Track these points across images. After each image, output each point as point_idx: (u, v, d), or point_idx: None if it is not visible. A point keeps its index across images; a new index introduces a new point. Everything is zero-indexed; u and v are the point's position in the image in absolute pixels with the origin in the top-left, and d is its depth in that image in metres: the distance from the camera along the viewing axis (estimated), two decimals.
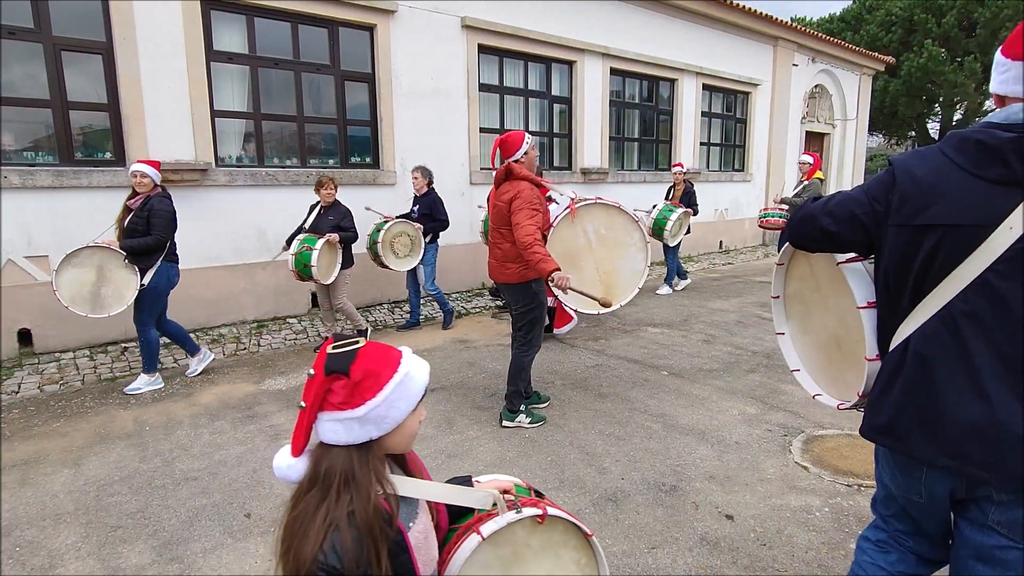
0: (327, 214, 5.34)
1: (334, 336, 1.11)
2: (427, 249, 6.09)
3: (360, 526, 0.98)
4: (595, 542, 1.33)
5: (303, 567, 0.95)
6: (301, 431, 1.04)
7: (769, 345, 5.62)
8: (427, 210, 6.04)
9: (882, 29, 19.50)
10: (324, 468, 1.02)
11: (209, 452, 3.50)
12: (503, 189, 3.62)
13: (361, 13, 6.60)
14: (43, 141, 5.24)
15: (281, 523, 1.04)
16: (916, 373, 1.39)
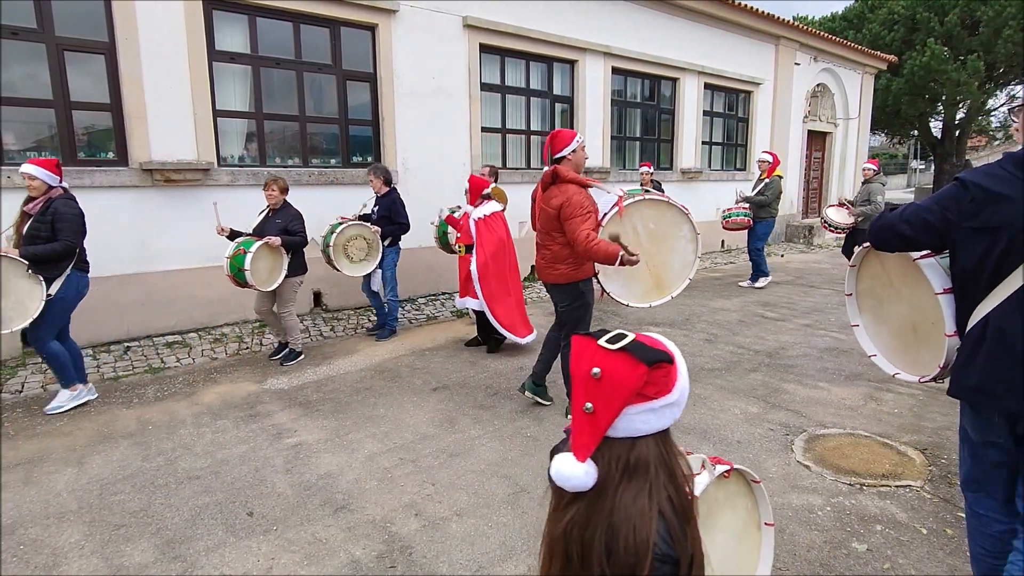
0: (275, 217, 4.98)
1: (592, 334, 1.05)
2: (386, 253, 5.70)
3: (679, 511, 0.99)
4: (760, 488, 1.51)
5: (643, 557, 0.93)
6: (597, 434, 0.99)
7: (771, 344, 5.61)
8: (386, 212, 5.64)
9: (884, 28, 19.45)
10: (633, 460, 0.99)
11: (212, 451, 3.51)
12: (551, 193, 3.65)
13: (363, 13, 6.61)
14: (46, 141, 5.26)
15: (559, 531, 1.00)
16: (997, 343, 1.77)
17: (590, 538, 0.97)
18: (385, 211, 5.68)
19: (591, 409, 0.99)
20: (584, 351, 1.03)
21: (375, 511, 2.88)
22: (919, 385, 4.50)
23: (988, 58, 17.54)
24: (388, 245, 5.73)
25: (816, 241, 13.23)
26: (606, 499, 0.98)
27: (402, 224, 5.73)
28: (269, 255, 4.88)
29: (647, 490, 0.98)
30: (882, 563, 2.47)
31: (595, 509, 0.98)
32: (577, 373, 1.02)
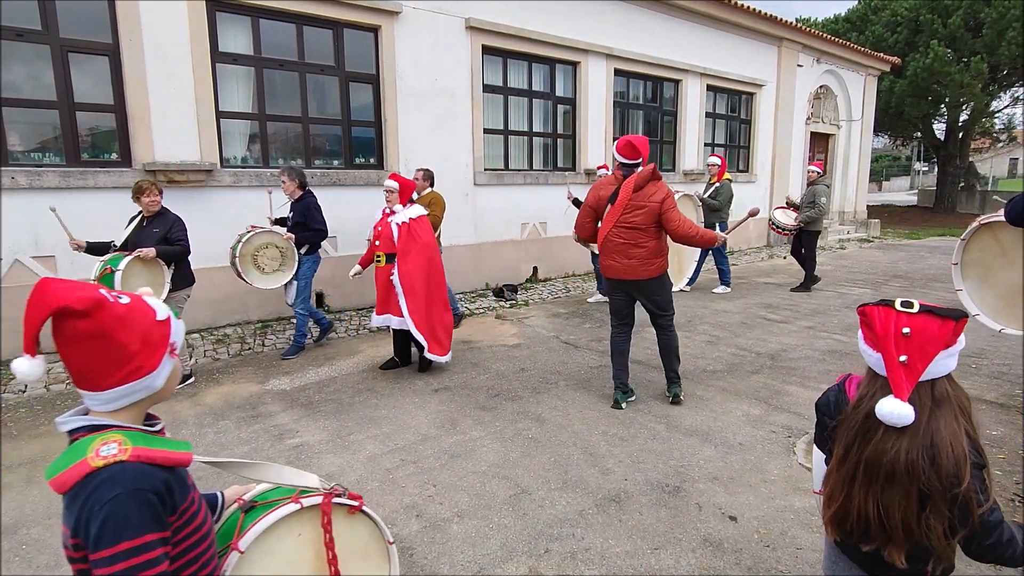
0: (151, 225, 4.42)
1: (886, 303, 1.33)
2: (302, 262, 5.24)
3: (970, 431, 1.28)
4: None
5: (963, 466, 1.21)
6: (913, 378, 1.25)
7: (773, 347, 5.61)
8: (300, 218, 5.18)
9: (887, 29, 19.43)
10: (937, 395, 1.26)
11: (213, 451, 3.52)
12: (649, 191, 3.88)
13: (365, 14, 6.63)
14: (50, 142, 5.28)
15: (883, 456, 1.27)
16: None
17: (914, 458, 1.23)
18: (300, 217, 5.19)
19: (905, 360, 1.25)
20: (888, 317, 1.30)
21: (376, 512, 2.87)
22: None
23: (991, 60, 17.50)
24: (305, 253, 5.26)
25: (818, 243, 13.19)
26: (919, 427, 1.25)
27: (319, 230, 5.23)
28: (144, 269, 4.25)
29: (953, 417, 1.25)
30: None
31: (914, 436, 1.25)
32: (885, 334, 1.28)
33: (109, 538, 0.94)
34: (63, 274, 5.18)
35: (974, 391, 4.41)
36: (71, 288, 0.97)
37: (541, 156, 8.95)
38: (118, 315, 1.01)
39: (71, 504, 0.98)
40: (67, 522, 0.98)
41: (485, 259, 8.11)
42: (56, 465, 0.99)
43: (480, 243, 8.05)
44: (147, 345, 1.04)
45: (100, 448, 0.99)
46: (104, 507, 0.94)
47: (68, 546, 1.00)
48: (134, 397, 1.06)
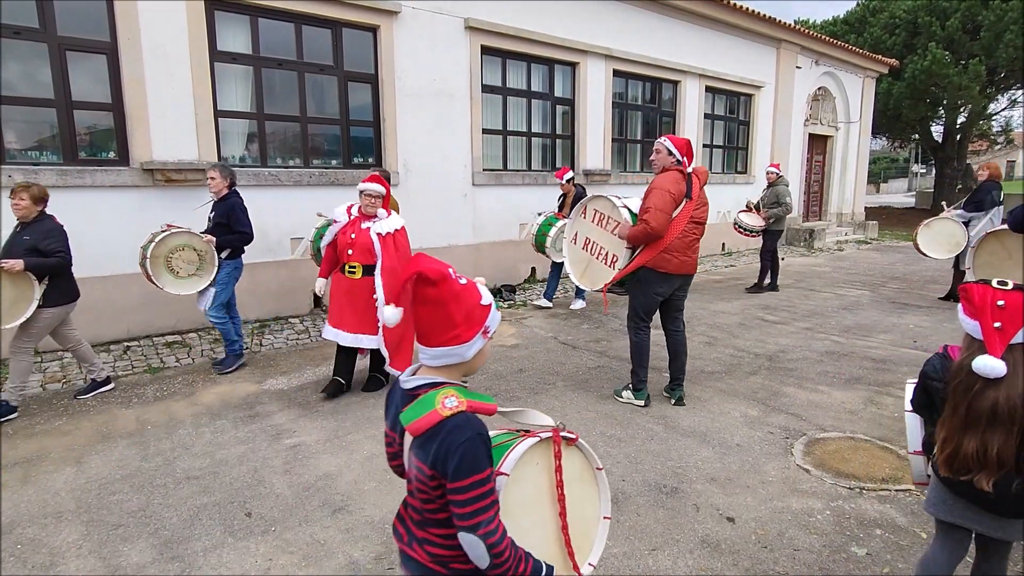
0: (23, 233, 3.95)
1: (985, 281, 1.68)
2: (222, 266, 4.81)
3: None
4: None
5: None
6: (1006, 340, 1.60)
7: (771, 348, 5.61)
8: (223, 219, 4.73)
9: (886, 31, 19.47)
10: None
11: (210, 451, 3.51)
12: (702, 192, 4.10)
13: (364, 14, 6.62)
14: (47, 141, 5.26)
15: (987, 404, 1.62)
16: None
17: (1015, 404, 1.58)
18: (222, 218, 4.74)
19: (999, 326, 1.60)
20: (986, 292, 1.64)
21: (374, 512, 2.87)
22: None
23: (989, 62, 17.54)
24: (227, 258, 4.83)
25: (816, 244, 13.23)
26: (1013, 378, 1.59)
27: (243, 233, 4.80)
28: (10, 283, 3.81)
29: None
30: (881, 567, 2.47)
31: (1009, 386, 1.59)
32: (983, 305, 1.63)
33: (465, 471, 1.20)
34: None
35: None
36: (432, 261, 1.27)
37: (540, 156, 8.95)
38: (455, 291, 1.27)
39: (425, 444, 1.24)
40: (421, 458, 1.26)
41: (483, 259, 8.10)
42: (410, 413, 1.25)
43: (478, 243, 8.05)
44: (468, 320, 1.30)
45: (444, 400, 1.25)
46: (460, 447, 1.20)
47: (420, 477, 1.27)
48: (449, 360, 1.31)
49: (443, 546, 1.31)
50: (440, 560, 1.32)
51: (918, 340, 5.84)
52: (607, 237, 4.22)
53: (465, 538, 1.23)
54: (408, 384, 1.33)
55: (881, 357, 5.30)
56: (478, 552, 1.23)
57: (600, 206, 4.33)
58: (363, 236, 4.19)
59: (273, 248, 6.25)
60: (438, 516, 1.29)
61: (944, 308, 7.25)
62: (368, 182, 4.22)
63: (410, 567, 1.37)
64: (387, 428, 1.44)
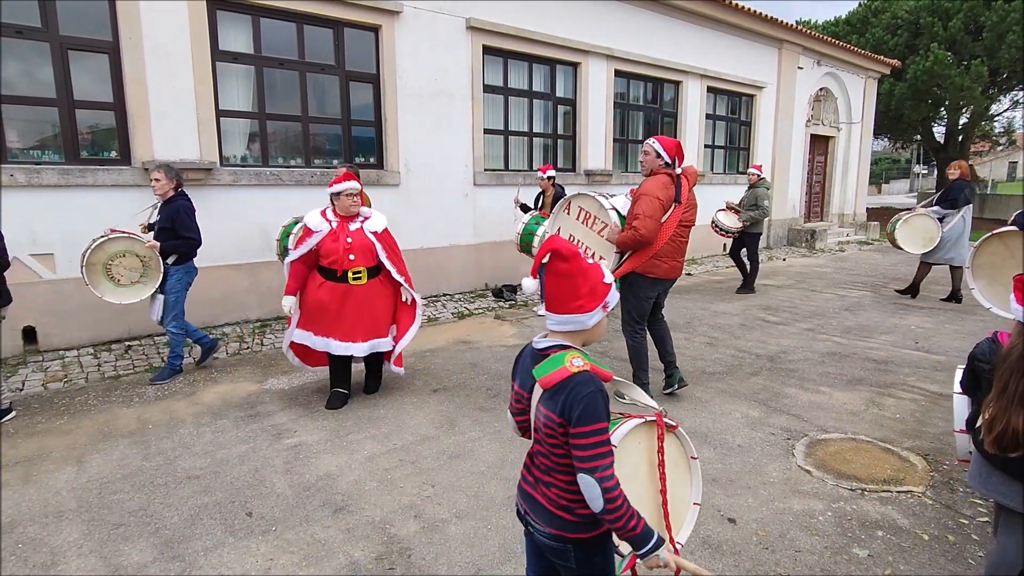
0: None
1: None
2: (169, 274, 4.54)
3: None
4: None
5: None
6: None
7: (772, 348, 5.60)
8: (167, 223, 4.48)
9: (888, 32, 19.44)
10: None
11: (211, 451, 3.51)
12: (691, 194, 4.06)
13: (366, 14, 6.62)
14: (49, 140, 5.27)
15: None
16: None
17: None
18: (167, 222, 4.49)
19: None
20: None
21: (374, 512, 2.87)
22: (922, 391, 4.49)
23: (991, 63, 17.51)
24: (174, 263, 4.57)
25: (818, 245, 13.21)
26: None
27: (189, 238, 4.54)
28: None
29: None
30: (883, 569, 2.46)
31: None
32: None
33: (587, 419, 1.39)
34: (61, 272, 5.18)
35: None
36: (564, 242, 1.51)
37: (541, 157, 8.94)
38: (583, 267, 1.50)
39: (555, 395, 1.44)
40: (550, 408, 1.45)
41: (484, 259, 8.10)
42: (543, 369, 1.46)
43: (479, 243, 8.04)
44: (592, 293, 1.50)
45: (572, 360, 1.45)
46: (584, 399, 1.40)
47: (549, 425, 1.46)
48: (572, 326, 1.52)
49: (567, 491, 1.50)
50: (566, 507, 1.51)
51: (920, 341, 5.83)
52: (594, 237, 4.21)
53: (583, 479, 1.40)
54: (539, 345, 1.56)
55: (883, 358, 5.30)
56: (593, 493, 1.39)
57: (586, 204, 4.30)
58: (359, 238, 3.98)
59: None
60: (563, 462, 1.48)
61: (946, 309, 7.24)
62: (343, 181, 3.93)
63: (537, 511, 1.56)
64: (516, 385, 1.64)
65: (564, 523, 1.50)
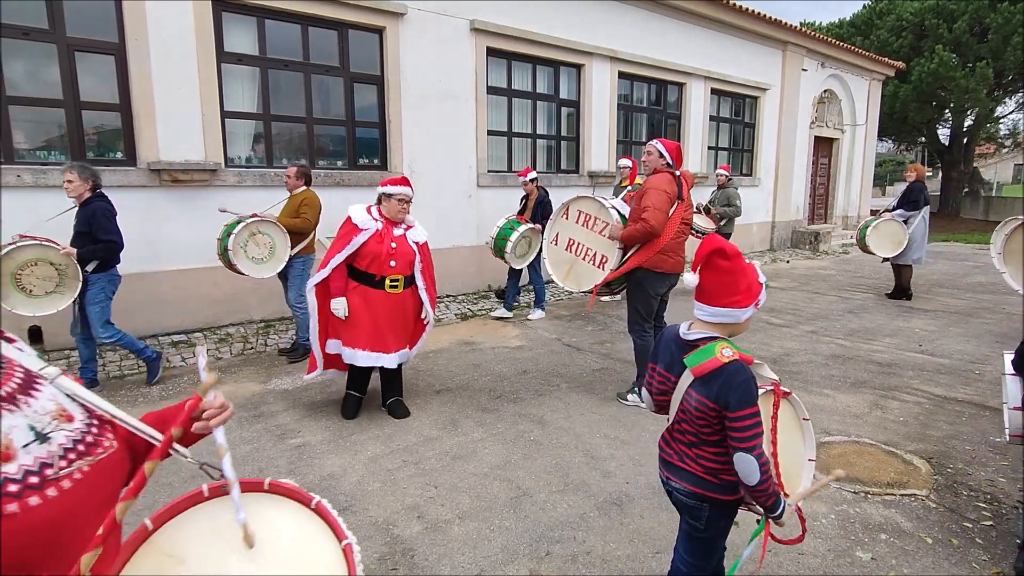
0: None
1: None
2: (89, 283, 4.21)
3: None
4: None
5: None
6: None
7: (776, 351, 5.59)
8: (84, 226, 4.14)
9: (892, 34, 19.40)
10: None
11: (214, 450, 3.51)
12: (689, 195, 4.17)
13: (370, 15, 6.64)
14: (55, 140, 5.30)
15: None
16: None
17: None
18: (84, 225, 4.15)
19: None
20: None
21: (377, 513, 2.88)
22: (925, 394, 4.47)
23: (997, 65, 17.46)
24: (93, 271, 4.25)
25: (822, 247, 13.18)
26: None
27: (109, 243, 4.22)
28: None
29: None
30: (886, 572, 2.46)
31: None
32: None
33: (744, 405, 1.57)
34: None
35: (977, 397, 4.40)
36: (725, 241, 1.70)
37: (545, 158, 8.95)
38: (742, 266, 1.68)
39: (708, 383, 1.62)
40: (703, 393, 1.63)
41: (487, 261, 8.09)
42: (695, 358, 1.65)
43: (483, 244, 8.05)
44: (748, 291, 1.68)
45: (722, 351, 1.61)
46: (739, 386, 1.58)
47: (701, 408, 1.64)
48: (726, 319, 1.68)
49: (715, 461, 1.70)
50: (712, 472, 1.72)
51: (924, 344, 5.82)
52: (594, 238, 4.24)
53: (742, 457, 1.57)
54: (690, 336, 1.73)
55: (886, 361, 5.28)
56: (750, 470, 1.56)
57: (585, 207, 4.34)
58: (403, 245, 3.78)
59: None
60: (712, 438, 1.68)
61: (950, 311, 7.21)
62: (397, 184, 3.78)
63: (684, 478, 1.76)
64: (661, 369, 1.82)
65: (708, 485, 1.72)
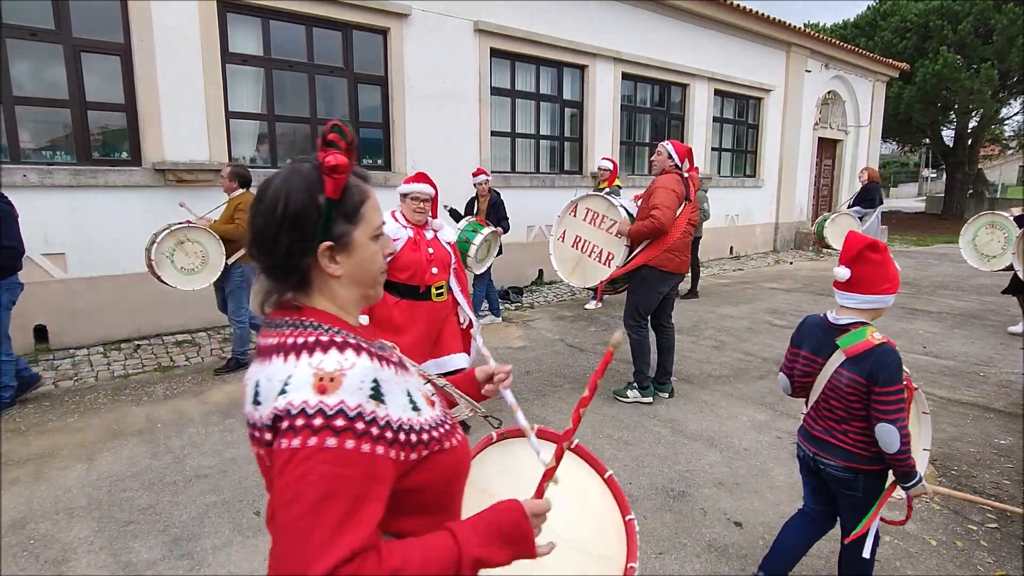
0: None
1: None
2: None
3: None
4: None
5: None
6: None
7: (779, 352, 5.58)
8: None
9: (897, 35, 19.34)
10: None
11: (220, 450, 3.53)
12: (695, 197, 4.21)
13: (374, 16, 6.65)
14: (61, 140, 5.33)
15: None
16: None
17: None
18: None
19: None
20: None
21: None
22: (929, 396, 4.46)
23: (1001, 66, 17.40)
24: None
25: (825, 249, 13.14)
26: None
27: (11, 248, 3.83)
28: None
29: None
30: (891, 574, 2.45)
31: None
32: None
33: (892, 381, 1.79)
34: (72, 271, 5.23)
35: (981, 399, 4.39)
36: (873, 238, 1.88)
37: (548, 159, 8.96)
38: (889, 259, 1.88)
39: (860, 362, 1.85)
40: (855, 372, 1.85)
41: None
42: (848, 340, 1.88)
43: None
44: (895, 280, 1.89)
45: (873, 334, 1.85)
46: (889, 364, 1.80)
47: (852, 385, 1.86)
48: (878, 305, 1.90)
49: (864, 434, 1.90)
50: (863, 445, 1.91)
51: (928, 346, 5.80)
52: (601, 235, 4.32)
53: (885, 427, 1.78)
54: (839, 321, 1.95)
55: None
56: (893, 439, 1.77)
57: (594, 205, 4.42)
58: (439, 249, 3.44)
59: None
60: (861, 413, 1.89)
61: (955, 313, 7.19)
62: (411, 182, 3.46)
63: (837, 454, 1.96)
64: (807, 353, 2.03)
65: (859, 458, 1.92)
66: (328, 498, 0.76)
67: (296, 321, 0.90)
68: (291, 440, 0.79)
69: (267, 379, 0.85)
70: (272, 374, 0.85)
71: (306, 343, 0.86)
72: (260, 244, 0.93)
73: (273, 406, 0.81)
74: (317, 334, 0.87)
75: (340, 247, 0.93)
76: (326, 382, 0.81)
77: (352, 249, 0.94)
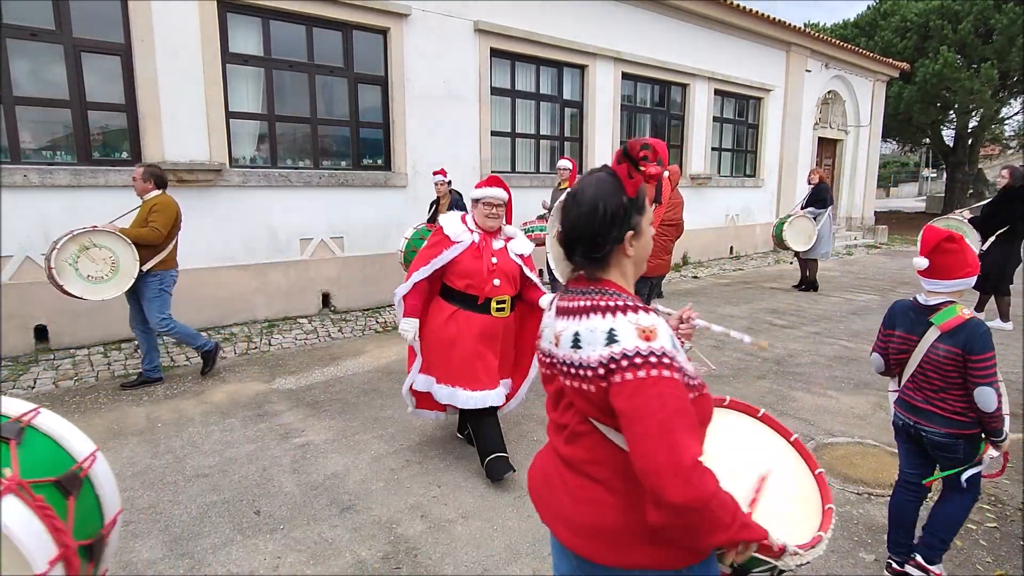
0: None
1: None
2: None
3: None
4: None
5: None
6: None
7: (779, 352, 5.59)
8: None
9: (897, 35, 19.33)
10: None
11: (219, 450, 3.53)
12: (675, 192, 4.15)
13: (375, 16, 6.66)
14: (61, 140, 5.33)
15: None
16: None
17: None
18: None
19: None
20: None
21: (381, 512, 2.89)
22: None
23: (1002, 66, 17.39)
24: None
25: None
26: None
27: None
28: None
29: None
30: None
31: None
32: None
33: (986, 350, 2.03)
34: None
35: None
36: (949, 230, 2.15)
37: (548, 159, 8.96)
38: (965, 246, 2.14)
39: (954, 335, 2.09)
40: (950, 343, 2.09)
41: None
42: (941, 317, 2.12)
43: None
44: (974, 264, 2.13)
45: (963, 310, 2.11)
46: (981, 336, 2.04)
47: (949, 356, 2.09)
48: (962, 287, 2.16)
49: (962, 401, 2.12)
50: (961, 411, 2.13)
51: None
52: None
53: (983, 390, 2.02)
54: (929, 301, 2.19)
55: None
56: (990, 400, 2.01)
57: None
58: (504, 259, 3.19)
59: (283, 248, 6.29)
60: (957, 382, 2.10)
61: None
62: (483, 186, 3.24)
63: (937, 422, 2.17)
64: (901, 333, 2.26)
65: (958, 424, 2.13)
66: (679, 413, 1.02)
67: (601, 290, 1.16)
68: (635, 372, 1.03)
69: (588, 330, 1.10)
70: (593, 327, 1.10)
71: (618, 305, 1.11)
72: (585, 237, 1.18)
73: (609, 350, 1.06)
74: (624, 299, 1.12)
75: (636, 234, 1.20)
76: (648, 333, 1.06)
77: (641, 234, 1.22)
